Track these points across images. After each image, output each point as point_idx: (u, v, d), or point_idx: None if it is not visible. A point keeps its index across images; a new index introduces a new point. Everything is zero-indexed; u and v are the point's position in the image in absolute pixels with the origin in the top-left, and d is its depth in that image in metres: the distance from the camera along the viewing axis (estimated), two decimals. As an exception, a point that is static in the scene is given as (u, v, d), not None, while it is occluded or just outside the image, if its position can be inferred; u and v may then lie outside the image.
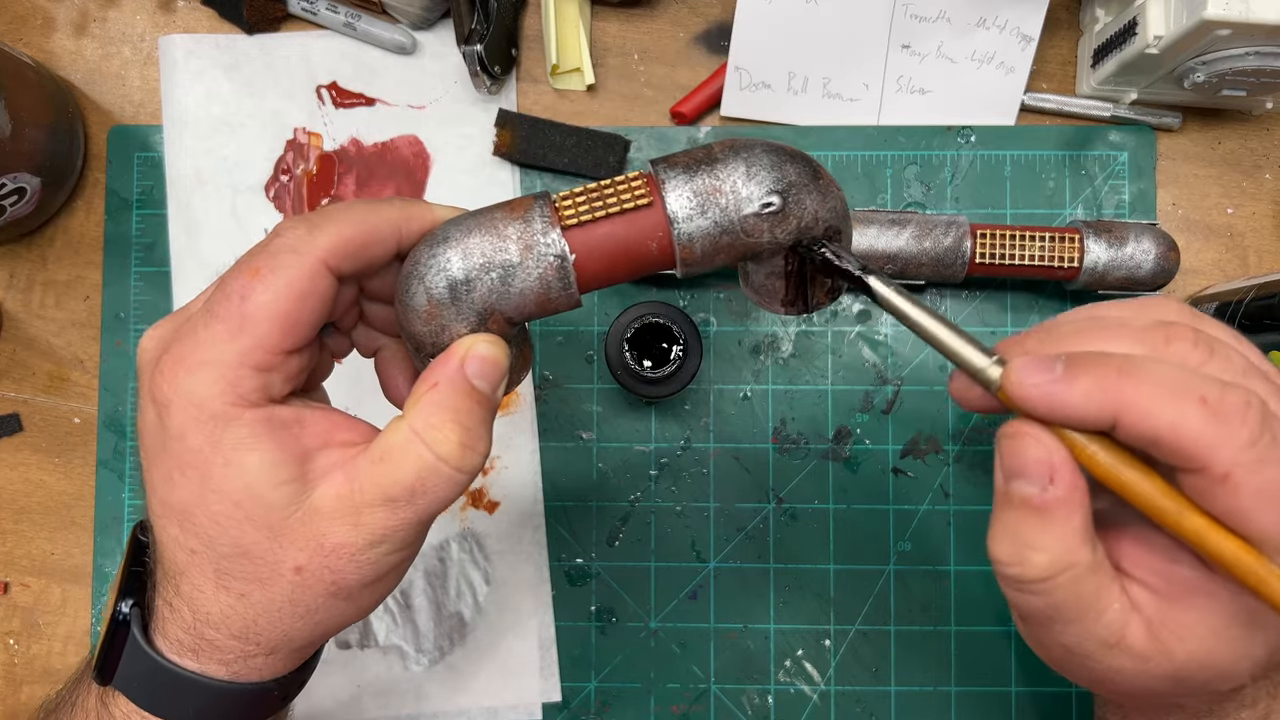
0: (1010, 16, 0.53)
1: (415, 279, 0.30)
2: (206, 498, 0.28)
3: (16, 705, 0.55)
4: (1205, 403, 0.24)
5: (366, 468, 0.29)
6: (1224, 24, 0.43)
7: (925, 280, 0.51)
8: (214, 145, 0.55)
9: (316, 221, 0.30)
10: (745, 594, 0.54)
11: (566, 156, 0.54)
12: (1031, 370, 0.26)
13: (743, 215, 0.30)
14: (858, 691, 0.53)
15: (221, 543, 0.28)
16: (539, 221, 0.30)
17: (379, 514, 0.28)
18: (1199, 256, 0.54)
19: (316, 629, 0.30)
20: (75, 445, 0.55)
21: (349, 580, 0.29)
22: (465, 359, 0.30)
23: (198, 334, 0.29)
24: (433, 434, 0.29)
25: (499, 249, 0.30)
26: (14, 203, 0.50)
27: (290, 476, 0.28)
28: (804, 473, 0.54)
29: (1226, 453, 0.24)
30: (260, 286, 0.28)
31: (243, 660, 0.30)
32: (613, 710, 0.53)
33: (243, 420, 0.28)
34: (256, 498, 0.28)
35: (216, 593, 0.29)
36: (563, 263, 0.30)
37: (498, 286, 0.30)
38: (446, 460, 0.29)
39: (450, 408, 0.29)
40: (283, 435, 0.29)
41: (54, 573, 0.55)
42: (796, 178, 0.30)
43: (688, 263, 0.31)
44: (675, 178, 0.30)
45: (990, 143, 0.54)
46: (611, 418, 0.54)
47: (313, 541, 0.28)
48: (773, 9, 0.53)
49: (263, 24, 0.55)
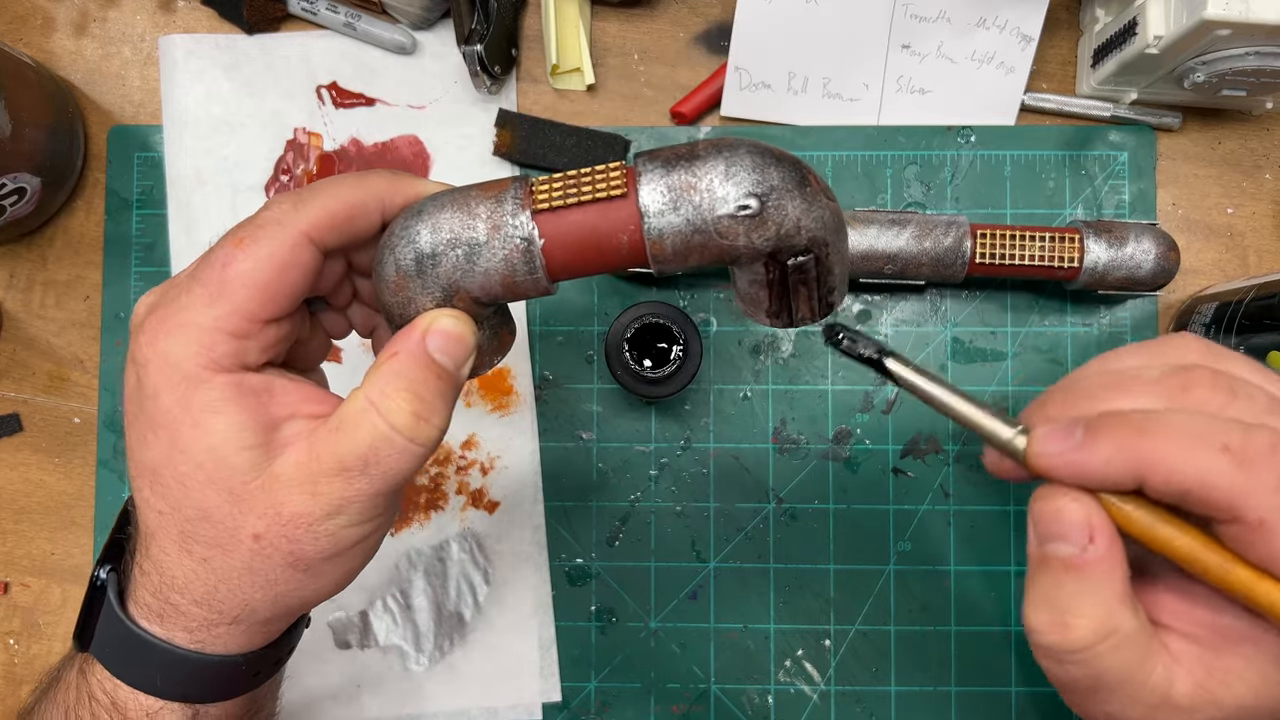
0: (1010, 16, 0.53)
1: (387, 249, 0.30)
2: (174, 458, 0.29)
3: (16, 705, 0.55)
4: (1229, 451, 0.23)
5: (324, 436, 0.29)
6: (1224, 24, 0.43)
7: (925, 280, 0.51)
8: (214, 145, 0.55)
9: (303, 196, 0.31)
10: (745, 594, 0.54)
11: (566, 156, 0.54)
12: (1053, 440, 0.26)
13: (716, 216, 0.29)
14: (858, 691, 0.53)
15: (186, 505, 0.29)
16: (510, 203, 0.30)
17: (335, 484, 0.29)
18: (1199, 256, 0.54)
19: (278, 601, 0.30)
20: (75, 445, 0.55)
21: (307, 551, 0.29)
22: (427, 331, 0.30)
23: (180, 298, 0.29)
24: (386, 403, 0.29)
25: (467, 226, 0.30)
26: (14, 203, 0.50)
27: (254, 442, 0.29)
28: (804, 473, 0.54)
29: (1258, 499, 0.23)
30: (242, 255, 0.29)
31: (206, 629, 0.30)
32: (613, 710, 0.53)
33: (213, 384, 0.28)
34: (220, 460, 0.28)
35: (180, 556, 0.29)
36: (529, 246, 0.29)
37: (462, 263, 0.30)
38: (399, 430, 0.29)
39: (406, 377, 0.29)
40: (251, 401, 0.29)
41: (54, 573, 0.55)
42: (779, 182, 0.29)
43: (658, 259, 0.30)
44: (652, 171, 0.29)
45: (990, 143, 0.54)
46: (611, 418, 0.54)
47: (271, 509, 0.28)
48: (773, 9, 0.53)
49: (263, 24, 0.55)
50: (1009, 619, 0.53)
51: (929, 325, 0.54)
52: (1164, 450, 0.24)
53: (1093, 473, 0.25)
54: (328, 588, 0.31)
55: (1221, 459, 0.23)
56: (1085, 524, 0.25)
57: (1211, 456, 0.23)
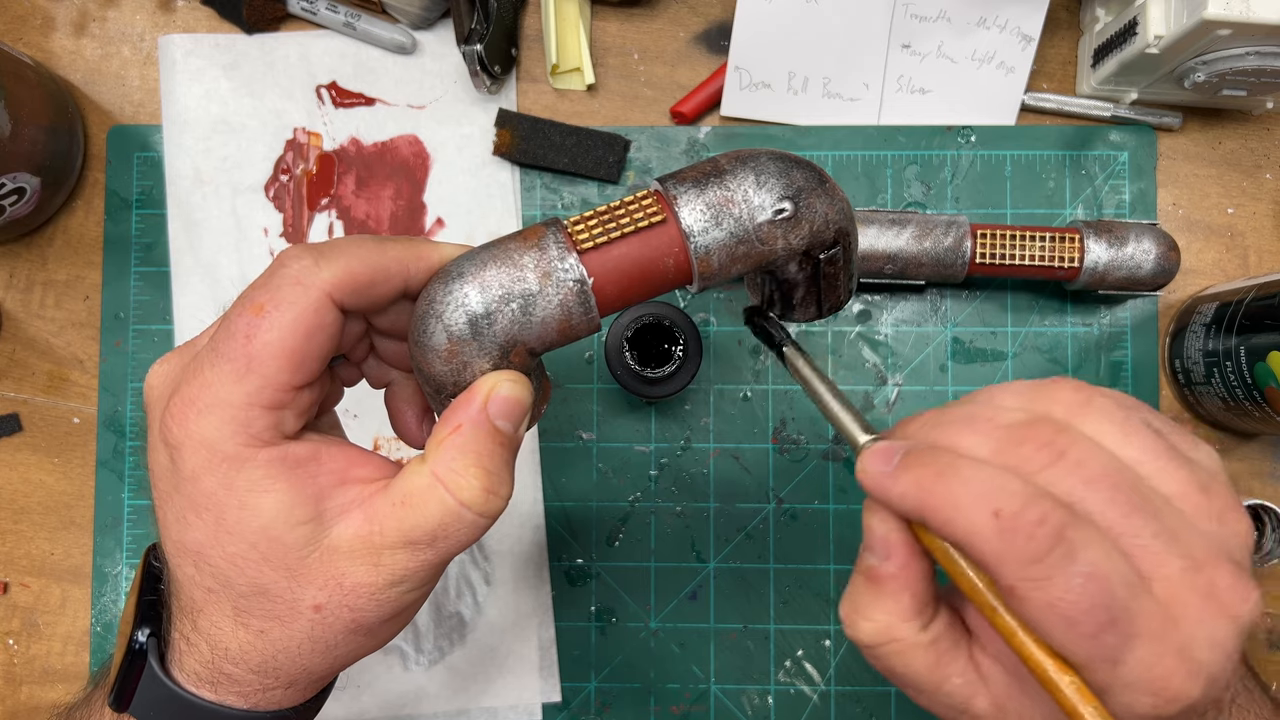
0: (1010, 16, 0.53)
1: (432, 318, 0.29)
2: (222, 539, 0.28)
3: (16, 705, 0.55)
4: (998, 517, 0.24)
5: (388, 510, 0.28)
6: (1224, 24, 0.43)
7: (925, 280, 0.51)
8: (213, 145, 0.55)
9: (323, 252, 0.30)
10: (745, 594, 0.54)
11: (566, 156, 0.54)
12: (875, 458, 0.27)
13: (757, 223, 0.30)
14: (858, 692, 0.53)
15: (239, 582, 0.28)
16: (554, 248, 0.29)
17: (400, 556, 0.28)
18: (1199, 256, 0.54)
19: (336, 662, 0.30)
20: (75, 445, 0.55)
21: (369, 618, 0.29)
22: (489, 399, 0.29)
23: (205, 374, 0.28)
24: (456, 479, 0.28)
25: (517, 279, 0.29)
26: (14, 203, 0.50)
27: (307, 516, 0.28)
28: (804, 473, 0.54)
29: (1010, 568, 0.24)
30: (265, 324, 0.28)
31: (261, 693, 0.30)
32: (613, 710, 0.53)
33: (256, 461, 0.28)
34: (273, 539, 0.28)
35: (235, 629, 0.29)
36: (582, 287, 0.29)
37: (519, 317, 0.29)
38: (470, 506, 0.28)
39: (473, 452, 0.29)
40: (298, 474, 0.28)
41: (54, 573, 0.55)
42: (804, 183, 0.30)
43: (705, 276, 0.30)
44: (686, 192, 0.30)
45: (990, 143, 0.54)
46: (611, 418, 0.54)
47: (332, 581, 0.28)
48: (773, 9, 0.53)
49: (262, 24, 0.55)
50: (1009, 619, 0.53)
51: (929, 325, 0.54)
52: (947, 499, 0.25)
53: (890, 500, 0.27)
54: (382, 643, 0.31)
55: (988, 523, 0.24)
56: (885, 541, 0.27)
57: (980, 518, 0.24)
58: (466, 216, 0.55)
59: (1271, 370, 0.45)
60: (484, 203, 0.55)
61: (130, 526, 0.55)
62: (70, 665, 0.54)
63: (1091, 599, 0.23)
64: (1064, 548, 0.23)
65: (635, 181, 0.55)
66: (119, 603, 0.54)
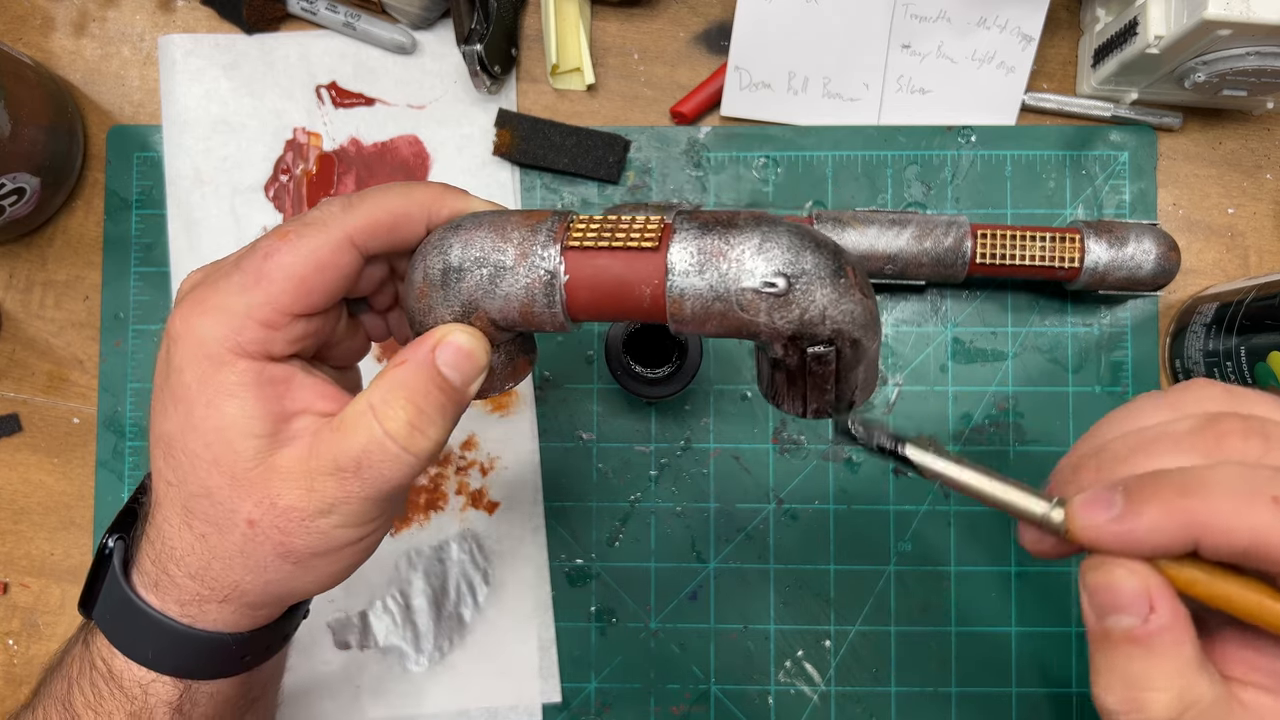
0: (1010, 16, 0.52)
1: (419, 256, 0.31)
2: (186, 434, 0.29)
3: (16, 705, 0.54)
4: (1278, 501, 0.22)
5: (326, 435, 0.29)
6: (1224, 24, 0.43)
7: (925, 280, 0.51)
8: (213, 145, 0.55)
9: (353, 200, 0.31)
10: (745, 594, 0.53)
11: (566, 156, 0.54)
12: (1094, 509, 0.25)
13: (740, 287, 0.28)
14: (858, 692, 0.53)
15: (191, 480, 0.30)
16: (544, 234, 0.30)
17: (329, 482, 0.29)
18: (1199, 257, 0.54)
19: (268, 587, 0.31)
20: (75, 445, 0.55)
21: (297, 545, 0.30)
22: (439, 344, 0.30)
23: (219, 281, 0.30)
24: (385, 409, 0.29)
25: (497, 248, 0.30)
26: (13, 203, 0.50)
27: (262, 431, 0.29)
28: (804, 473, 0.54)
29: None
30: (285, 248, 0.30)
31: (197, 604, 0.31)
32: (613, 711, 0.53)
33: (235, 367, 0.29)
34: (226, 443, 0.29)
35: (181, 529, 0.30)
36: (552, 279, 0.30)
37: (485, 284, 0.30)
38: (393, 437, 0.29)
39: (409, 387, 0.29)
40: (267, 391, 0.30)
41: (53, 573, 0.55)
42: (812, 268, 0.29)
43: (676, 319, 0.30)
44: (687, 231, 0.29)
45: (990, 143, 0.54)
46: (611, 418, 0.54)
47: (266, 499, 0.29)
48: (773, 9, 0.53)
49: (262, 24, 0.55)
50: (1009, 619, 0.53)
51: (929, 325, 0.54)
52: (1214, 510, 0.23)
53: (1142, 540, 0.24)
54: (318, 582, 0.31)
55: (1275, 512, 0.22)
56: (1144, 594, 0.24)
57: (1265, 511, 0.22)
58: (466, 216, 0.55)
59: (1272, 370, 0.45)
60: (484, 203, 0.55)
61: (130, 527, 0.55)
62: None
63: None
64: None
65: (635, 181, 0.55)
66: (119, 603, 0.54)
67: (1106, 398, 0.54)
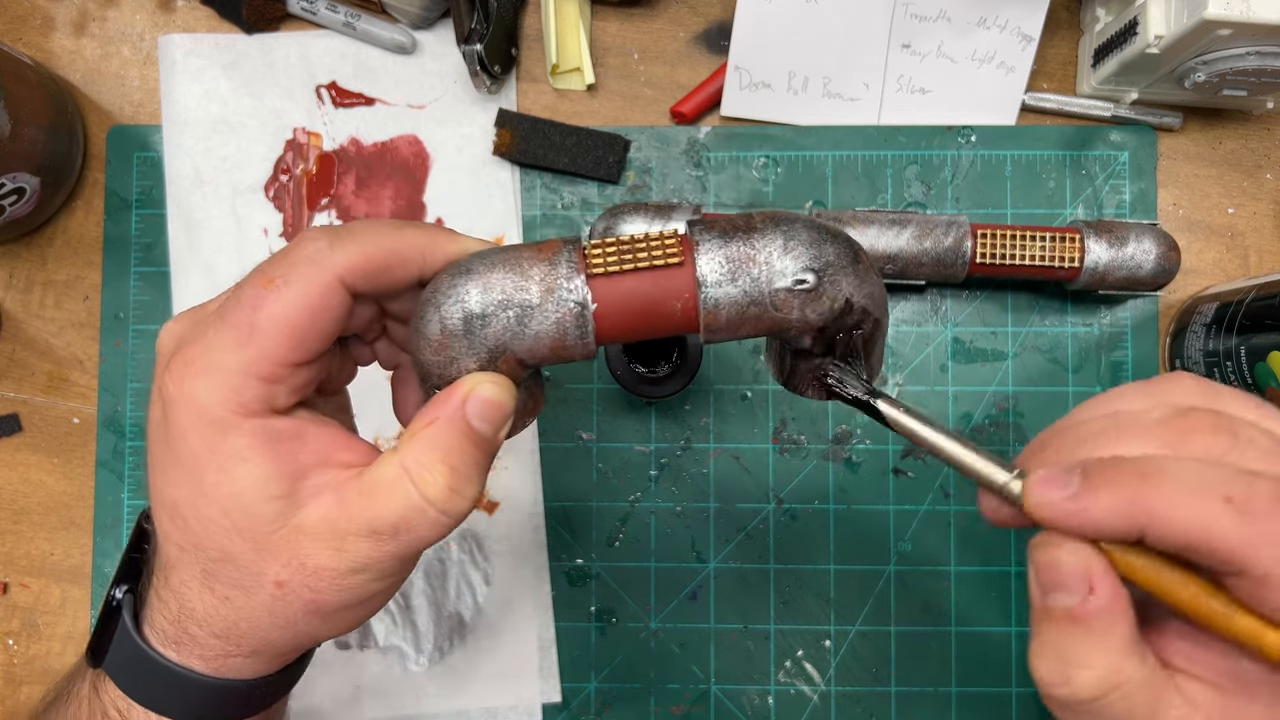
0: (1011, 16, 0.52)
1: (432, 306, 0.30)
2: (197, 500, 0.28)
3: (16, 705, 0.55)
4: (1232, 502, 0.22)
5: (355, 497, 0.28)
6: (1225, 24, 0.43)
7: (925, 280, 0.51)
8: (213, 145, 0.55)
9: (340, 235, 0.30)
10: (745, 594, 0.53)
11: (566, 156, 0.54)
12: (1050, 486, 0.25)
13: (774, 289, 0.29)
14: (858, 692, 0.53)
15: (209, 546, 0.29)
16: (565, 266, 0.29)
17: (362, 544, 0.28)
18: (1199, 256, 0.54)
19: (297, 639, 0.30)
20: (75, 445, 0.55)
21: (328, 601, 0.29)
22: (468, 398, 0.29)
23: (208, 337, 0.29)
24: (421, 473, 0.28)
25: (520, 288, 0.29)
26: (13, 203, 0.50)
27: (280, 492, 0.28)
28: (804, 473, 0.54)
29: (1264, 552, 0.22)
30: (272, 297, 0.28)
31: (222, 659, 0.30)
32: (613, 711, 0.53)
33: (241, 430, 0.28)
34: (244, 509, 0.28)
35: (202, 591, 0.29)
36: (582, 310, 0.29)
37: (513, 325, 0.29)
38: (433, 502, 0.28)
39: (443, 448, 0.29)
40: (279, 449, 0.28)
41: (53, 573, 0.55)
42: (835, 258, 0.29)
43: (711, 329, 0.30)
44: (710, 241, 0.29)
45: (990, 142, 0.54)
46: (611, 418, 0.54)
47: (295, 560, 0.28)
48: (773, 9, 0.53)
49: (262, 23, 0.55)
50: (1009, 620, 0.53)
51: (929, 325, 0.54)
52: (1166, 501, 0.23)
53: (1091, 522, 0.24)
54: (347, 627, 0.31)
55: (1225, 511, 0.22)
56: (1084, 574, 0.25)
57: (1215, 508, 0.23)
58: (466, 216, 0.55)
59: (1272, 370, 0.45)
60: (484, 203, 0.55)
61: (130, 527, 0.54)
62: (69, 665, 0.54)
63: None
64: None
65: (635, 181, 0.55)
66: (119, 603, 0.54)
67: (1106, 398, 0.54)
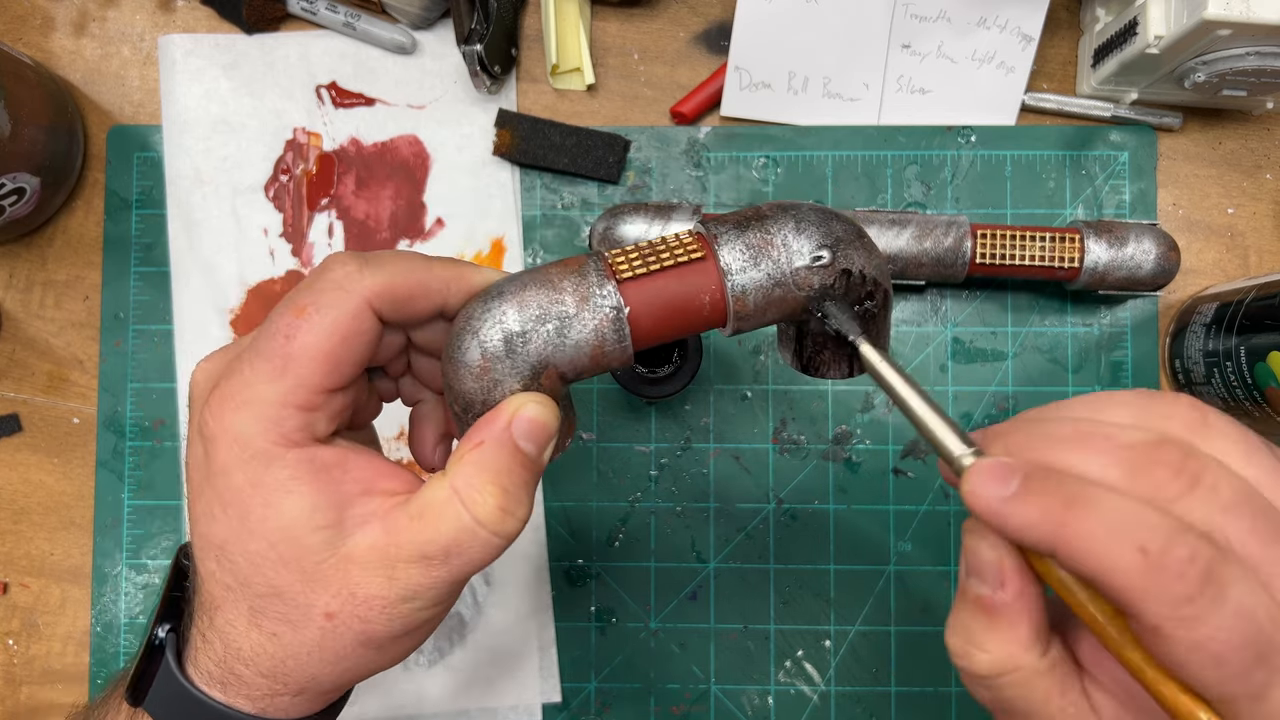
0: (1010, 16, 0.52)
1: (469, 333, 0.30)
2: (244, 536, 0.28)
3: (16, 705, 0.55)
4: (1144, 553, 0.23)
5: (405, 523, 0.29)
6: (1224, 24, 0.43)
7: (925, 280, 0.51)
8: (213, 145, 0.55)
9: (368, 261, 0.30)
10: (745, 594, 0.54)
11: (566, 156, 0.54)
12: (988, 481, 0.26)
13: (795, 267, 0.31)
14: (858, 692, 0.53)
15: (256, 582, 0.29)
16: (594, 275, 0.30)
17: (413, 571, 0.28)
18: (1199, 256, 0.54)
19: (344, 674, 0.30)
20: (75, 445, 0.55)
21: (379, 631, 0.29)
22: (514, 418, 0.29)
23: (244, 371, 0.29)
24: (472, 494, 0.28)
25: (555, 300, 0.30)
26: (13, 203, 0.50)
27: (328, 522, 0.28)
28: (804, 473, 0.54)
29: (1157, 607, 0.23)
30: (305, 326, 0.29)
31: (269, 699, 0.30)
32: (613, 711, 0.53)
33: (285, 460, 0.28)
34: (292, 540, 0.28)
35: (249, 630, 0.29)
36: (618, 314, 0.30)
37: (554, 338, 0.30)
38: (484, 524, 0.28)
39: (493, 469, 0.29)
40: (323, 479, 0.29)
41: (53, 573, 0.55)
42: (843, 234, 0.31)
43: (741, 316, 0.31)
44: (727, 234, 0.31)
45: (990, 143, 0.54)
46: (611, 418, 0.54)
47: (345, 590, 0.28)
48: (773, 9, 0.53)
49: (262, 24, 0.55)
50: (1009, 619, 0.53)
51: (929, 325, 0.54)
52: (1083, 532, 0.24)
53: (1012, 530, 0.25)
54: (393, 660, 0.31)
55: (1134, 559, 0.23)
56: (998, 568, 0.26)
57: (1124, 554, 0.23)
58: (466, 216, 0.55)
59: (1272, 370, 0.45)
60: (484, 203, 0.55)
61: (130, 527, 0.55)
62: (70, 666, 0.54)
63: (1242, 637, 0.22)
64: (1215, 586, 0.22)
65: (635, 181, 0.55)
66: (119, 603, 0.54)
67: (1106, 398, 0.54)
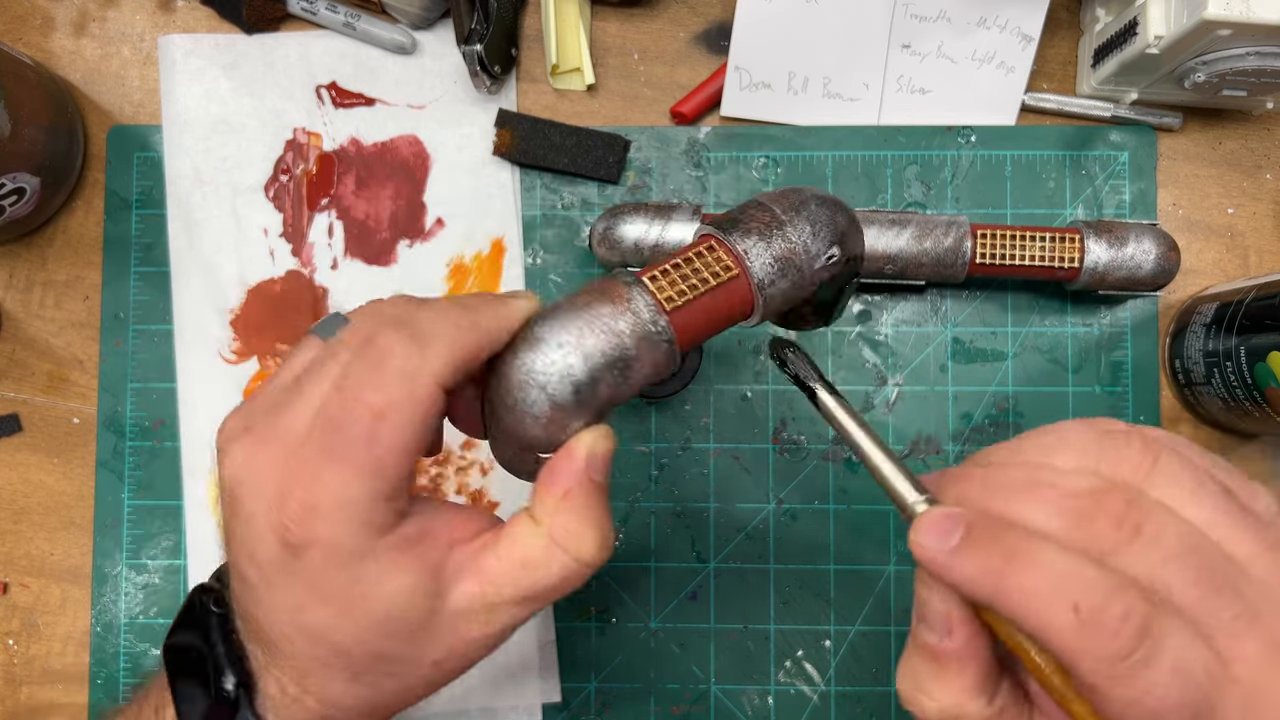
0: (1010, 16, 0.52)
1: (535, 387, 0.30)
2: (346, 624, 0.29)
3: (16, 705, 0.55)
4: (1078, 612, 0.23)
5: (504, 571, 0.30)
6: (1224, 24, 0.43)
7: (925, 280, 0.51)
8: (213, 145, 0.55)
9: (423, 340, 0.29)
10: (745, 594, 0.53)
11: (566, 156, 0.54)
12: (933, 533, 0.27)
13: (814, 270, 0.33)
14: (858, 692, 0.53)
15: (358, 654, 0.29)
16: (646, 311, 0.31)
17: (515, 610, 0.31)
18: (1199, 256, 0.54)
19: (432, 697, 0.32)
20: (75, 445, 0.55)
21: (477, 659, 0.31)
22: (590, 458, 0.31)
23: (324, 477, 0.28)
24: (575, 543, 0.30)
25: (616, 345, 0.30)
26: (13, 203, 0.50)
27: (428, 593, 0.29)
28: (804, 473, 0.54)
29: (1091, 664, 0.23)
30: (387, 429, 0.28)
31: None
32: (613, 711, 0.53)
33: (377, 551, 0.29)
34: (399, 619, 0.29)
35: (349, 685, 0.30)
36: (671, 346, 0.31)
37: (619, 381, 0.31)
38: (590, 564, 0.31)
39: (585, 514, 0.30)
40: (415, 553, 0.29)
41: (53, 573, 0.55)
42: (846, 225, 0.33)
43: (761, 319, 0.34)
44: (754, 246, 0.32)
45: (990, 143, 0.54)
46: (612, 418, 0.54)
47: (452, 639, 0.30)
48: (773, 9, 0.53)
49: (262, 24, 0.55)
50: (1009, 619, 0.53)
51: (929, 325, 0.54)
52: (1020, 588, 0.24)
53: (954, 582, 0.26)
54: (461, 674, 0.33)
55: (1067, 618, 0.23)
56: (946, 619, 0.27)
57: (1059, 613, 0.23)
58: (466, 216, 0.55)
59: (1272, 370, 0.45)
60: (484, 203, 0.55)
61: (130, 527, 0.55)
62: (70, 666, 0.54)
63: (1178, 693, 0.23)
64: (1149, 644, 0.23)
65: (635, 181, 0.55)
66: (119, 603, 0.54)
67: (1106, 397, 0.54)
